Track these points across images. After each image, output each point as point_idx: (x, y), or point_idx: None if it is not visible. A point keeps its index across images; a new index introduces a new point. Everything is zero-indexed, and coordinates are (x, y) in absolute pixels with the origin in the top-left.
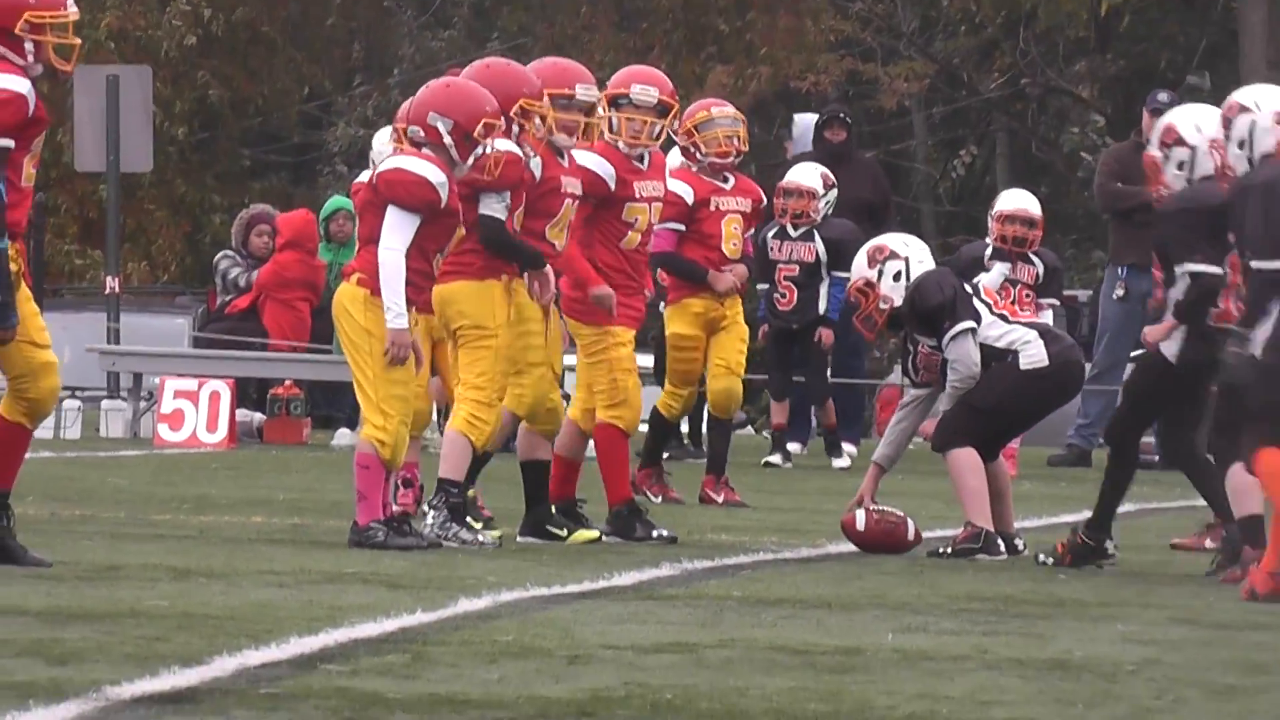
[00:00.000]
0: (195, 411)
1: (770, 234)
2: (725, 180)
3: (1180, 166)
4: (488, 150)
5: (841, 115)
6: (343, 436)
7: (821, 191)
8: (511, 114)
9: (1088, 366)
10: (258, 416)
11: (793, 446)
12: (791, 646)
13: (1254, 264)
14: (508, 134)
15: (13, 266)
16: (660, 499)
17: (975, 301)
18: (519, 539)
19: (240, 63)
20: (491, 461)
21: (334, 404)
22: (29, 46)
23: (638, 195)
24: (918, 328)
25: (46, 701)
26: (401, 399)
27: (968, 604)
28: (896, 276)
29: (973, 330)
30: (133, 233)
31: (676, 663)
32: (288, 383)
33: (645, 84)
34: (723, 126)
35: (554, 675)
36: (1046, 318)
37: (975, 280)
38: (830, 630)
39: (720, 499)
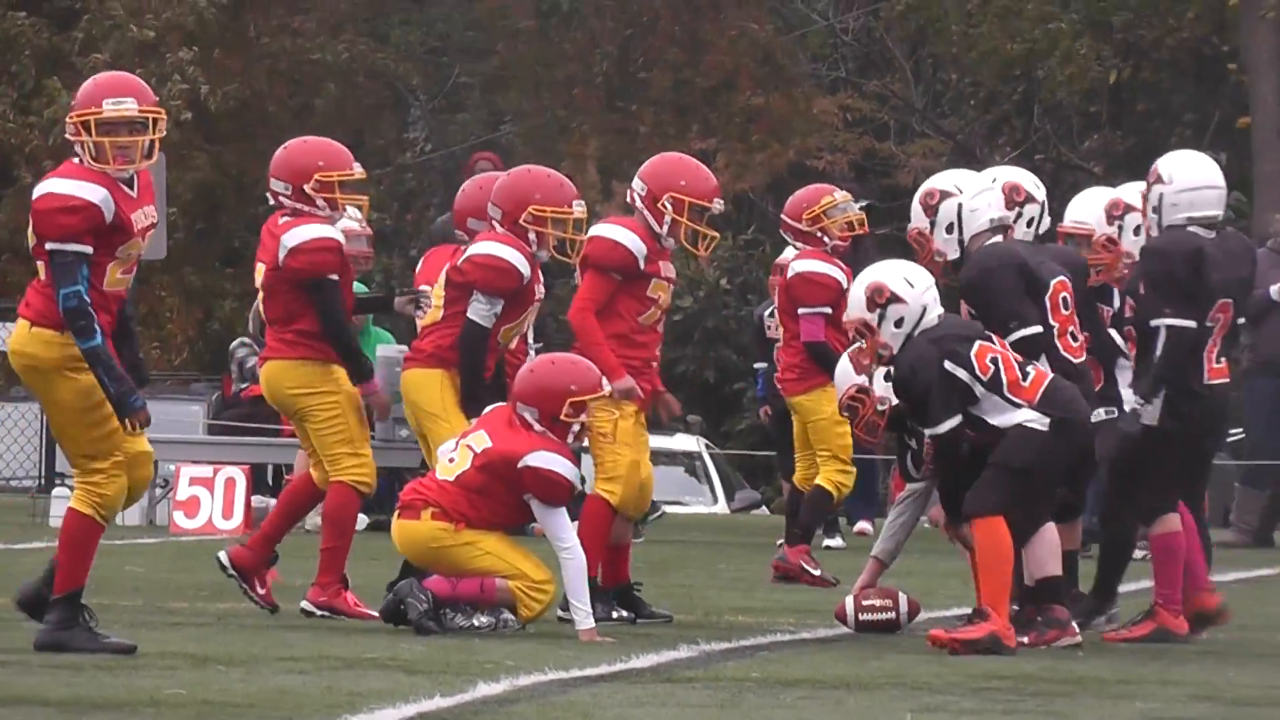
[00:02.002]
0: (211, 498)
1: (767, 313)
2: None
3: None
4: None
5: (874, 204)
6: (361, 522)
7: None
8: (523, 221)
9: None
10: (272, 502)
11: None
12: None
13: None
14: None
15: None
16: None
17: (958, 373)
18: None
19: (247, 143)
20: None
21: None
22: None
23: (662, 273)
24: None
25: None
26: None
27: (987, 683)
28: (898, 323)
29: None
30: (144, 318)
31: None
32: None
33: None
34: (848, 210)
35: None
36: None
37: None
38: (850, 711)
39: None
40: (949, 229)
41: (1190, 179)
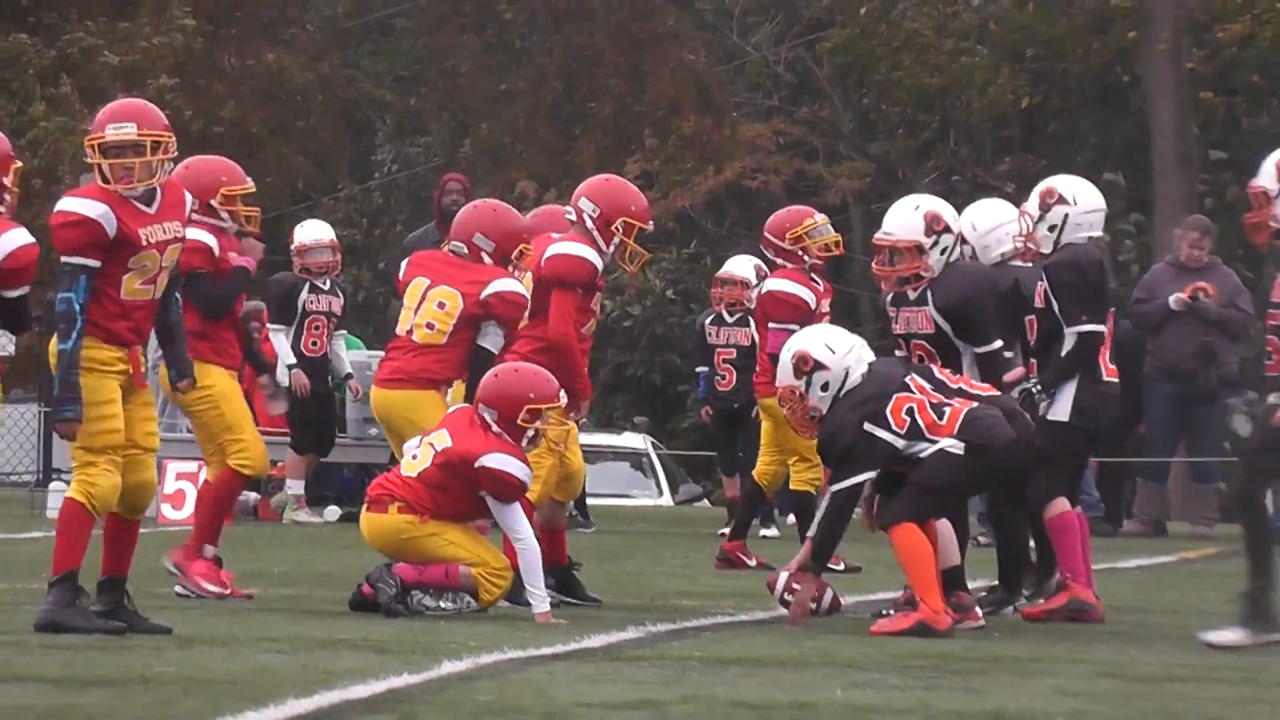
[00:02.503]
0: (195, 491)
1: (708, 320)
2: (817, 282)
3: (1051, 229)
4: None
5: None
6: (331, 514)
7: (754, 281)
8: (514, 256)
9: None
10: (253, 496)
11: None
12: (749, 703)
13: None
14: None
15: (125, 368)
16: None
17: (878, 434)
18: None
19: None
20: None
21: (323, 484)
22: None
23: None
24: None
25: None
26: None
27: (911, 661)
28: (824, 387)
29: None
30: None
31: (644, 718)
32: (280, 465)
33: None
34: (827, 233)
35: None
36: None
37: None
38: (784, 687)
39: (753, 562)
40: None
41: (1092, 202)
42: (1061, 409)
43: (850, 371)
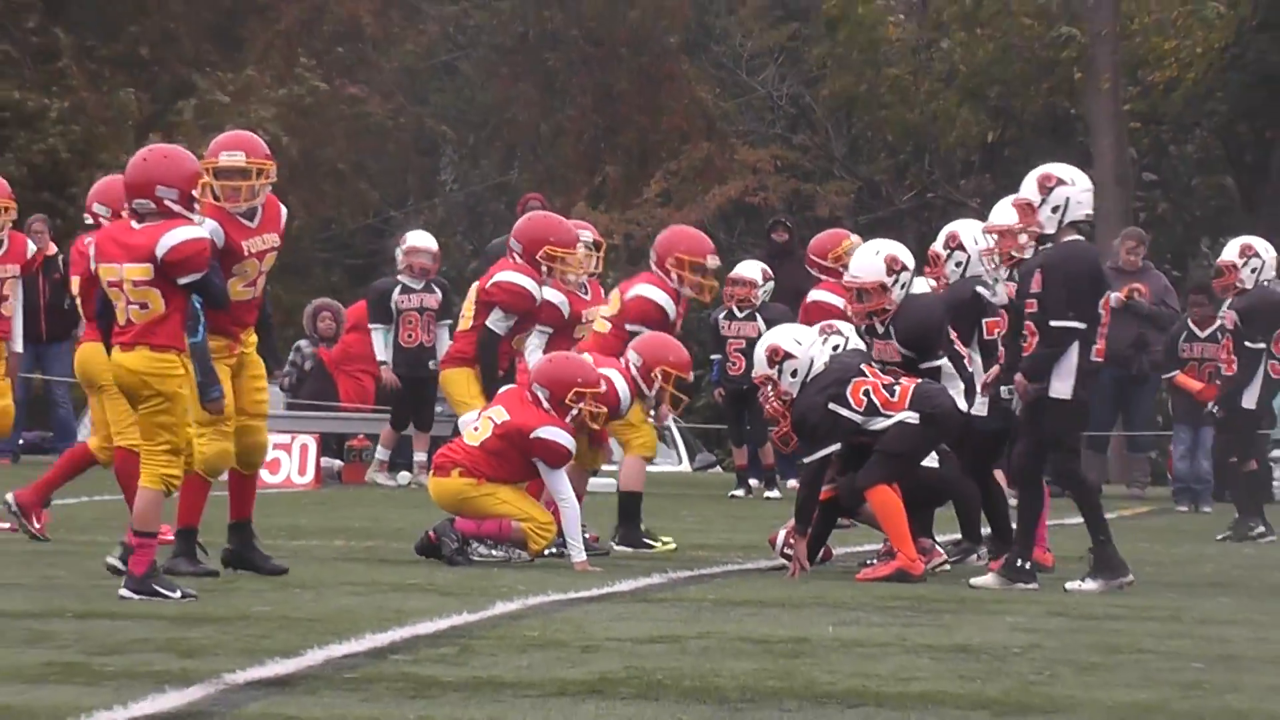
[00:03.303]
0: (289, 459)
1: (721, 315)
2: None
3: (958, 264)
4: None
5: (784, 221)
6: (403, 477)
7: (761, 282)
8: (539, 256)
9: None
10: (337, 463)
11: (753, 482)
12: (754, 637)
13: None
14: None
15: (232, 354)
16: None
17: (841, 412)
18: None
19: (313, 188)
20: None
21: (396, 452)
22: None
23: (585, 319)
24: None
25: (178, 686)
26: None
27: (891, 602)
28: (794, 374)
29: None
30: None
31: (666, 651)
32: (359, 437)
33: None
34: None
35: (570, 662)
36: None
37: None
38: (784, 624)
39: None
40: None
41: (1087, 181)
42: (1063, 388)
43: (815, 360)
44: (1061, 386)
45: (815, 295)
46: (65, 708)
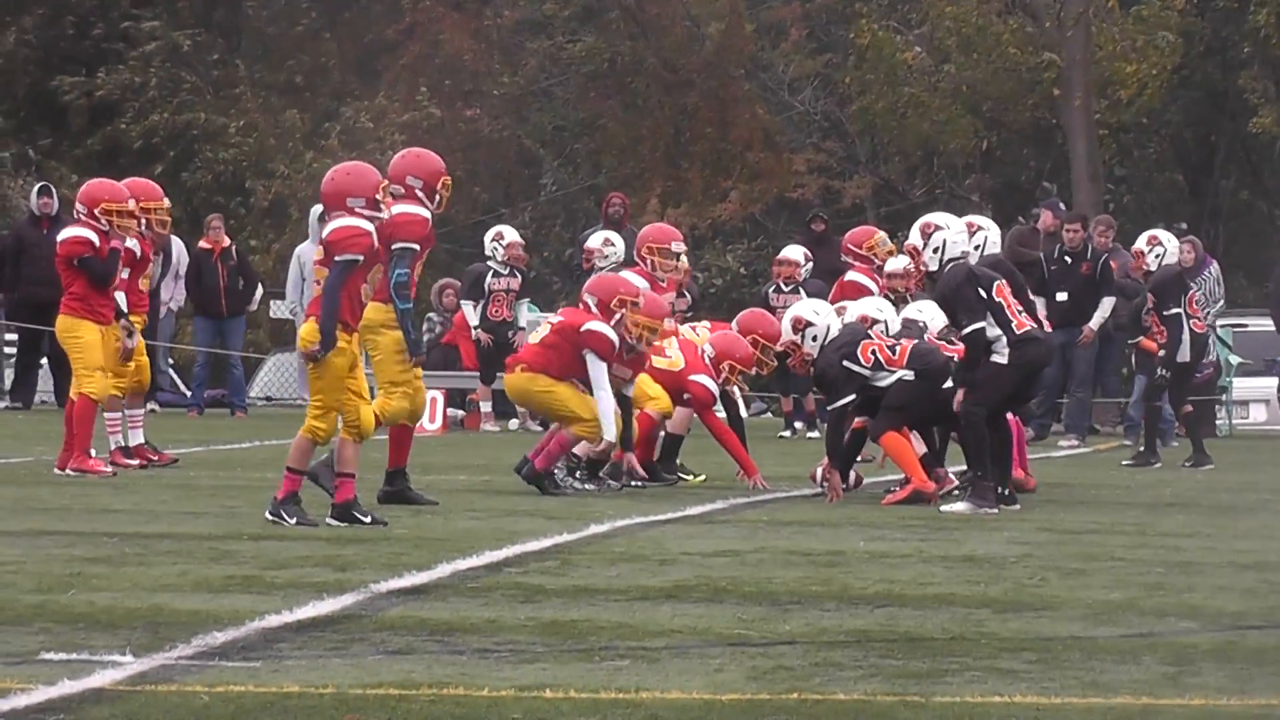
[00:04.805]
0: (441, 409)
1: (770, 290)
2: (879, 278)
3: (935, 250)
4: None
5: (821, 214)
6: (512, 424)
7: (803, 262)
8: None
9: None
10: (460, 413)
11: (798, 425)
12: (800, 551)
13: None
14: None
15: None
16: None
17: (853, 368)
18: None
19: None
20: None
21: (509, 404)
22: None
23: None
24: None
25: (334, 595)
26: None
27: (911, 521)
28: (814, 339)
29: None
30: None
31: (728, 563)
32: (477, 391)
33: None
34: (887, 243)
35: (651, 572)
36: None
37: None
38: (824, 540)
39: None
40: (935, 250)
41: (960, 224)
42: (1000, 358)
43: (831, 328)
44: (999, 356)
45: (851, 276)
46: (244, 612)
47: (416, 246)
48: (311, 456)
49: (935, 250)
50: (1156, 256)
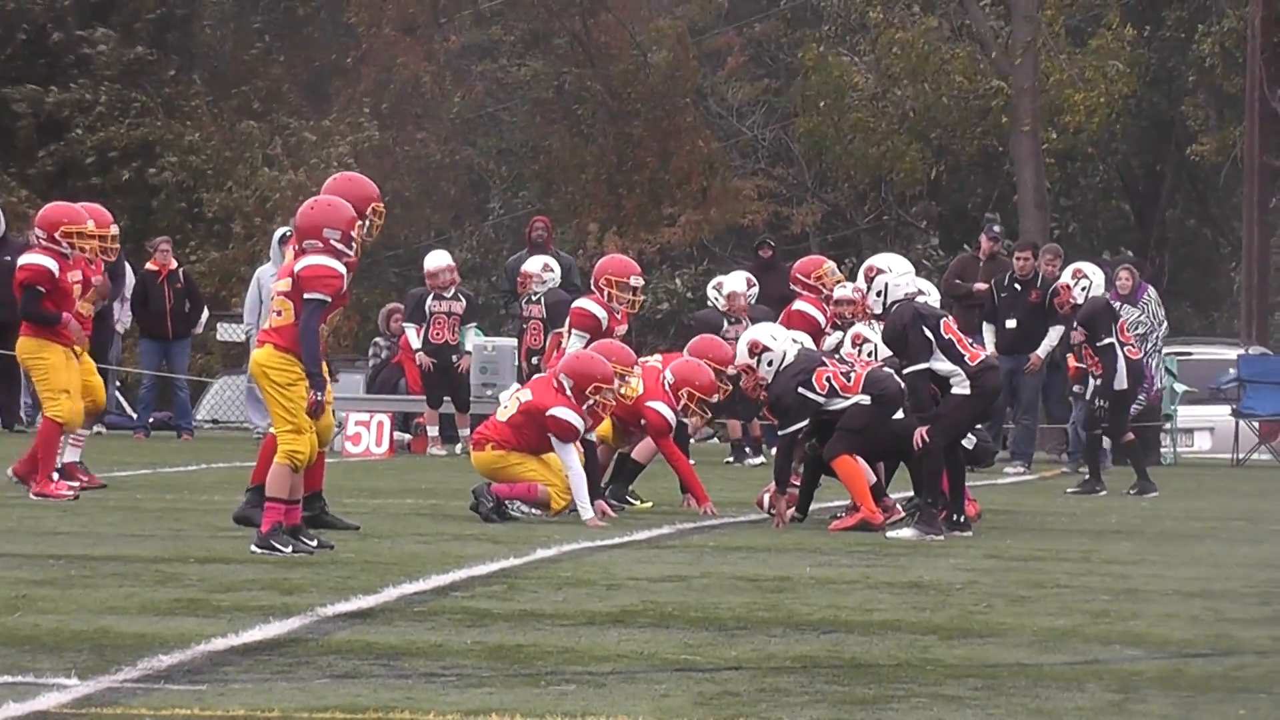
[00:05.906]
0: (368, 433)
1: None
2: (826, 307)
3: (878, 294)
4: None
5: (769, 241)
6: (459, 447)
7: (745, 289)
8: (599, 284)
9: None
10: (406, 436)
11: (748, 450)
12: (747, 576)
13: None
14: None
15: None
16: None
17: (808, 395)
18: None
19: (390, 215)
20: None
21: (444, 425)
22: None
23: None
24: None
25: (280, 618)
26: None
27: (856, 547)
28: (769, 364)
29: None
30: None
31: (675, 588)
32: (423, 415)
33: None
34: (835, 272)
35: (598, 597)
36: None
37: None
38: (770, 565)
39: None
40: (878, 294)
41: (902, 267)
42: (961, 390)
43: (787, 354)
44: (960, 389)
45: (798, 305)
46: (190, 635)
47: (329, 299)
48: (290, 482)
49: (878, 294)
50: (1083, 289)
